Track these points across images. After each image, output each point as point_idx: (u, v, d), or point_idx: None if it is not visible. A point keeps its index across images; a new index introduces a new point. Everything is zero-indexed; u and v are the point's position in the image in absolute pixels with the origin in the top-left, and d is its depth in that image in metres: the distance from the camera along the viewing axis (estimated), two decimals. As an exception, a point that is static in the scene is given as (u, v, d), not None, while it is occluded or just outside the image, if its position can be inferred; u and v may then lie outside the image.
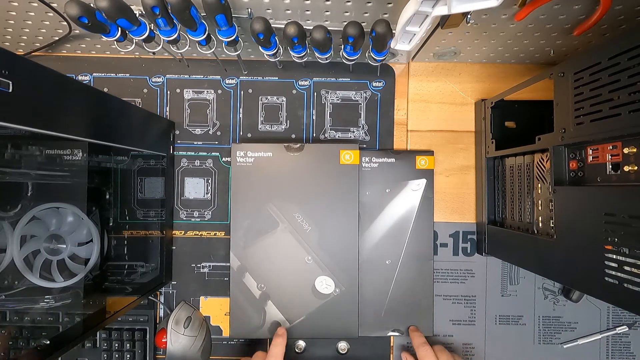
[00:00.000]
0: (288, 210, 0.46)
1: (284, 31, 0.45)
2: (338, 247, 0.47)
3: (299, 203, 0.46)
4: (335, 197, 0.47)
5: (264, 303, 0.48)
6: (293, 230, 0.45)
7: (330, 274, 0.46)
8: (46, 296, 0.50)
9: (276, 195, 0.46)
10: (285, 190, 0.46)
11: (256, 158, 0.46)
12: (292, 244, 0.45)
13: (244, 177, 0.46)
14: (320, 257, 0.46)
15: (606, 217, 0.36)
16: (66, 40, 0.58)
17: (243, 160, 0.46)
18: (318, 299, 0.47)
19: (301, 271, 0.47)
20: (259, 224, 0.46)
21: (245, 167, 0.46)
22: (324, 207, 0.47)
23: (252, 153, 0.47)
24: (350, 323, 0.50)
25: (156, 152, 0.59)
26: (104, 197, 0.58)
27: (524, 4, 0.41)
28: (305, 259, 0.46)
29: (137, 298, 0.54)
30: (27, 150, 0.47)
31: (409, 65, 0.64)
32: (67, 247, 0.53)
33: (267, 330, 0.49)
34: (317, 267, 0.46)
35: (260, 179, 0.46)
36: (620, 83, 0.35)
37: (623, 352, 0.62)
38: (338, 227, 0.47)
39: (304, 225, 0.45)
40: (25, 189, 0.52)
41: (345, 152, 0.49)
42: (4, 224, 0.50)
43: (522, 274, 0.63)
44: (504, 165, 0.57)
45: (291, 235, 0.45)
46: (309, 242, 0.46)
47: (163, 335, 0.60)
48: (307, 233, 0.45)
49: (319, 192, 0.46)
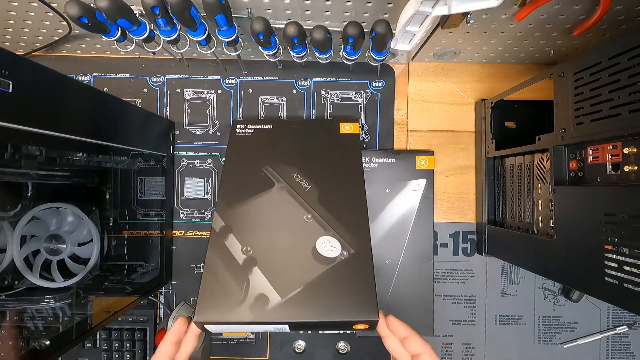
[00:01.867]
0: (286, 170, 0.42)
1: (284, 31, 0.45)
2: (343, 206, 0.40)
3: (298, 164, 0.43)
4: (337, 161, 0.45)
5: (248, 271, 0.36)
6: (290, 188, 0.40)
7: (335, 234, 0.38)
8: (46, 296, 0.50)
9: (274, 158, 0.43)
10: (284, 155, 0.44)
11: (256, 130, 0.46)
12: (288, 202, 0.40)
13: (242, 145, 0.44)
14: (322, 215, 0.39)
15: (606, 217, 0.36)
16: (66, 40, 0.58)
17: (243, 131, 0.46)
18: (321, 264, 0.36)
19: (299, 231, 0.38)
20: (252, 183, 0.42)
21: (244, 137, 0.45)
22: (326, 168, 0.43)
23: (253, 125, 0.47)
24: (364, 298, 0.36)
25: (156, 152, 0.59)
26: (104, 197, 0.58)
27: (524, 4, 0.41)
28: (304, 217, 0.39)
29: (137, 298, 0.54)
30: (27, 150, 0.47)
31: (409, 65, 0.64)
32: (67, 247, 0.53)
33: (248, 309, 0.34)
34: (319, 226, 0.39)
35: (259, 145, 0.45)
36: (620, 83, 0.35)
37: (623, 352, 0.62)
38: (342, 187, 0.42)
39: (302, 184, 0.41)
40: (25, 189, 0.52)
41: (345, 124, 0.49)
42: (4, 224, 0.50)
43: (522, 274, 0.63)
44: (504, 165, 0.57)
45: (288, 194, 0.40)
46: (308, 199, 0.40)
47: (163, 335, 0.60)
48: (306, 191, 0.41)
49: (319, 155, 0.44)
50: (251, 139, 0.46)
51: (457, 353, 0.63)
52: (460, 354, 0.63)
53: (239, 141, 0.46)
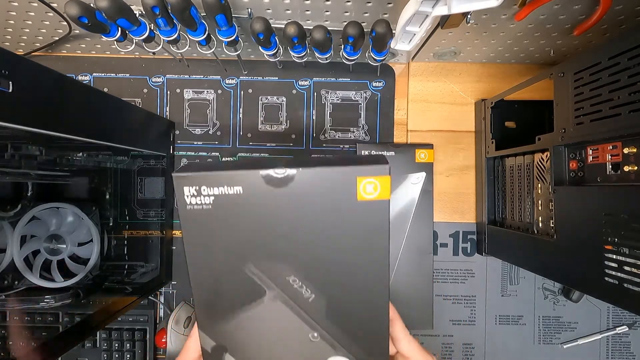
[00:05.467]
0: (277, 272, 0.30)
1: (284, 31, 0.45)
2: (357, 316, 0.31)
3: (294, 262, 0.30)
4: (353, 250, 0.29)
5: None
6: (287, 299, 0.31)
7: (346, 353, 0.32)
8: (46, 296, 0.50)
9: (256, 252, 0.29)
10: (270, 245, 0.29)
11: (218, 197, 0.27)
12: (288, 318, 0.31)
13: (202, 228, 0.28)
14: (330, 332, 0.32)
15: (606, 217, 0.36)
16: (66, 40, 0.58)
17: (196, 201, 0.27)
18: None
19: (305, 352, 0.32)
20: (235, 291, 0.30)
21: (201, 212, 0.27)
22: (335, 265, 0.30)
23: (210, 190, 0.27)
24: None
25: (156, 152, 0.59)
26: (104, 197, 0.58)
27: (524, 4, 0.41)
28: (310, 335, 0.32)
29: (137, 298, 0.54)
30: (27, 150, 0.47)
31: (409, 65, 0.64)
32: (67, 247, 0.53)
33: None
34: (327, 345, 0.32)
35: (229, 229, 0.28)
36: (620, 83, 0.35)
37: (623, 352, 0.62)
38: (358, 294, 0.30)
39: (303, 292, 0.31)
40: (25, 189, 0.52)
41: (367, 182, 0.27)
42: (4, 224, 0.49)
43: (522, 274, 0.63)
44: (504, 165, 0.57)
45: (285, 306, 0.31)
46: (313, 313, 0.31)
47: (163, 335, 0.60)
48: (309, 302, 0.31)
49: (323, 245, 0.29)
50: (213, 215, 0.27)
51: (457, 353, 0.63)
52: (460, 354, 0.63)
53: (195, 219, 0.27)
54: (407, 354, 0.32)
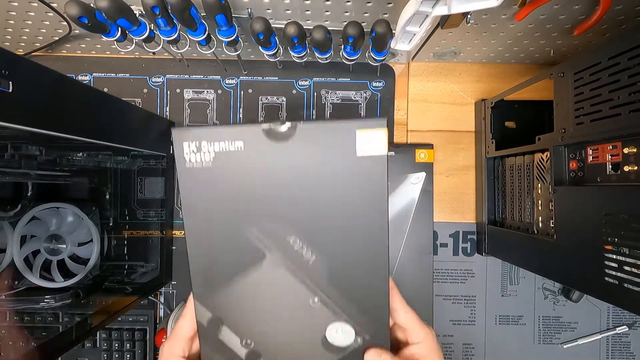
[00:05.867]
0: (278, 233, 0.29)
1: (284, 31, 0.45)
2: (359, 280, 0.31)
3: (295, 221, 0.29)
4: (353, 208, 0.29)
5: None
6: (288, 261, 0.30)
7: (347, 319, 0.31)
8: (46, 296, 0.50)
9: (256, 212, 0.28)
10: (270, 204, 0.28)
11: (219, 154, 0.26)
12: (288, 282, 0.30)
13: (201, 188, 0.27)
14: (331, 297, 0.31)
15: (606, 217, 0.36)
16: (66, 40, 0.58)
17: (196, 158, 0.26)
18: (332, 355, 0.32)
19: (304, 318, 0.31)
20: (234, 255, 0.29)
21: (200, 171, 0.26)
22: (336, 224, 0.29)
23: (210, 145, 0.26)
24: None
25: (156, 152, 0.59)
26: (104, 197, 0.58)
27: (524, 4, 0.41)
28: (310, 301, 0.31)
29: (137, 298, 0.54)
30: (27, 150, 0.47)
31: (409, 65, 0.64)
32: (67, 247, 0.53)
33: None
34: (328, 310, 0.31)
35: (228, 187, 0.27)
36: (620, 83, 0.35)
37: (623, 352, 0.62)
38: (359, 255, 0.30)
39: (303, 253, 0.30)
40: (25, 189, 0.52)
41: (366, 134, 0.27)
42: (4, 224, 0.50)
43: (522, 274, 0.63)
44: (504, 165, 0.57)
45: (285, 270, 0.30)
46: (313, 277, 0.30)
47: (163, 335, 0.60)
48: (309, 265, 0.30)
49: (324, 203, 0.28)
50: (212, 175, 0.26)
51: (457, 353, 0.63)
52: (460, 354, 0.63)
53: (194, 178, 0.26)
54: (405, 325, 0.31)
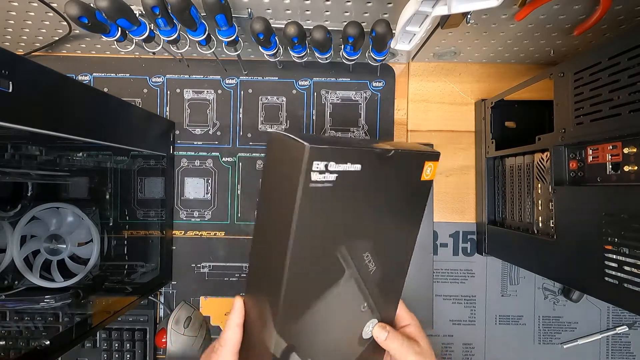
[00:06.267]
0: (359, 249, 0.29)
1: (284, 31, 0.45)
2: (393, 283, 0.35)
3: (374, 237, 0.29)
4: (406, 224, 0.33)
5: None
6: (358, 276, 0.30)
7: (378, 315, 0.34)
8: (46, 296, 0.50)
9: (352, 230, 0.28)
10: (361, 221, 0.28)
11: (341, 174, 0.25)
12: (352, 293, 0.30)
13: (319, 208, 0.25)
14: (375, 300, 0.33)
15: (606, 217, 0.36)
16: (66, 40, 0.58)
17: (322, 177, 0.24)
18: (360, 346, 0.34)
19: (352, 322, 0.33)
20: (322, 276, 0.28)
21: (323, 190, 0.24)
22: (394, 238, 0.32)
23: (337, 165, 0.24)
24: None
25: (156, 152, 0.59)
26: (104, 197, 0.58)
27: (524, 4, 0.41)
28: (361, 307, 0.32)
29: (137, 298, 0.54)
30: (27, 150, 0.47)
31: (409, 65, 0.64)
32: (67, 247, 0.53)
33: None
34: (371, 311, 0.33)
35: (339, 206, 0.26)
36: (620, 83, 0.35)
37: (623, 352, 0.62)
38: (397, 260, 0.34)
39: (370, 266, 0.30)
40: (25, 189, 0.52)
41: (428, 165, 0.32)
42: (4, 224, 0.50)
43: (522, 274, 0.63)
44: (504, 165, 0.57)
45: (355, 284, 0.30)
46: (370, 285, 0.31)
47: (163, 335, 0.60)
48: (370, 275, 0.31)
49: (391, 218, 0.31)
50: (332, 194, 0.25)
51: (457, 353, 0.63)
52: (460, 354, 0.63)
53: (314, 197, 0.24)
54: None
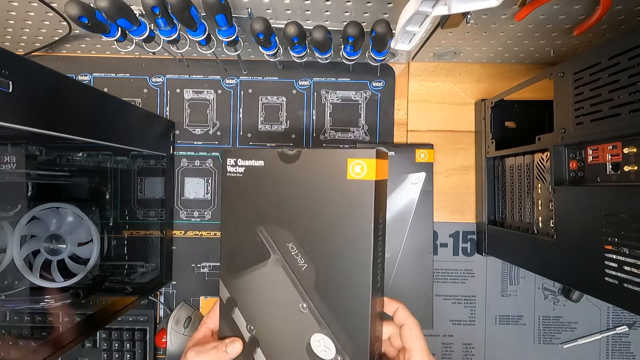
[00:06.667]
0: (281, 237, 0.34)
1: (284, 31, 0.45)
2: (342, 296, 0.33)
3: (294, 230, 0.34)
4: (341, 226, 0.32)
5: (253, 350, 0.36)
6: (286, 264, 0.35)
7: (330, 334, 0.33)
8: (46, 296, 0.50)
9: (268, 217, 0.35)
10: (278, 212, 0.34)
11: (247, 168, 0.35)
12: (284, 283, 0.35)
13: (234, 191, 0.36)
14: (317, 307, 0.34)
15: (606, 217, 0.36)
16: (66, 40, 0.58)
17: (233, 170, 0.36)
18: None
19: (295, 321, 0.35)
20: (249, 250, 0.36)
21: (236, 178, 0.36)
22: (325, 238, 0.33)
23: (243, 161, 0.35)
24: None
25: (156, 152, 0.59)
26: (104, 197, 0.58)
27: (524, 4, 0.41)
28: (300, 306, 0.34)
29: (137, 298, 0.54)
30: (27, 150, 0.47)
31: (409, 65, 0.64)
32: (67, 247, 0.53)
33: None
34: (314, 320, 0.34)
35: (251, 194, 0.35)
36: (620, 83, 0.35)
37: (623, 352, 0.62)
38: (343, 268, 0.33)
39: (298, 260, 0.34)
40: (25, 189, 0.52)
41: (355, 163, 0.31)
42: (4, 224, 0.49)
43: (522, 274, 0.63)
44: (504, 165, 0.57)
45: (283, 272, 0.35)
46: (304, 283, 0.34)
47: (163, 335, 0.60)
48: (302, 271, 0.34)
49: (318, 217, 0.33)
50: (242, 182, 0.35)
51: (457, 353, 0.63)
52: (460, 354, 0.63)
53: (231, 184, 0.36)
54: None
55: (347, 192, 0.32)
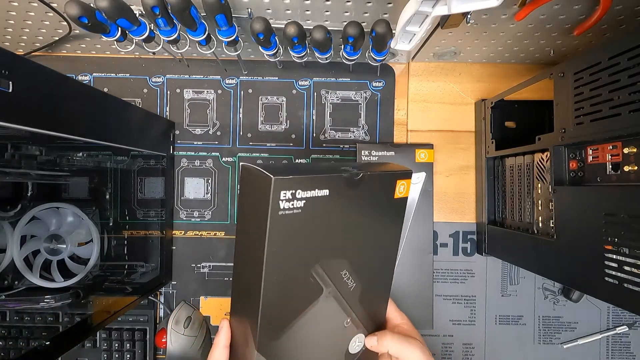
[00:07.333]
0: (335, 268, 0.31)
1: (284, 31, 0.45)
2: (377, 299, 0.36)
3: (349, 256, 0.31)
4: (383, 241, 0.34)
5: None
6: (338, 294, 0.31)
7: (364, 330, 0.35)
8: (46, 296, 0.50)
9: (325, 252, 0.29)
10: (335, 242, 0.30)
11: (308, 200, 0.27)
12: (334, 310, 0.32)
13: (289, 232, 0.27)
14: (359, 315, 0.34)
15: (606, 217, 0.36)
16: (66, 40, 0.58)
17: (289, 205, 0.26)
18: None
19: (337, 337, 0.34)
20: (299, 296, 0.29)
21: (291, 217, 0.26)
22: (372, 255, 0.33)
23: (303, 193, 0.26)
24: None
25: (156, 152, 0.59)
26: (104, 197, 0.58)
27: (524, 4, 0.41)
28: (344, 322, 0.33)
29: (137, 298, 0.54)
30: (27, 150, 0.47)
31: (409, 65, 0.64)
32: (67, 247, 0.53)
33: None
34: (354, 327, 0.35)
35: (310, 230, 0.28)
36: (620, 83, 0.35)
37: (623, 352, 0.62)
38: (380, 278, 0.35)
39: (349, 283, 0.32)
40: (25, 189, 0.52)
41: (401, 183, 0.34)
42: (4, 224, 0.49)
43: (522, 274, 0.63)
44: (504, 165, 0.57)
45: (335, 301, 0.31)
46: (351, 300, 0.33)
47: (163, 335, 0.60)
48: (350, 291, 0.32)
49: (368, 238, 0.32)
50: (301, 219, 0.27)
51: (457, 353, 0.63)
52: (460, 354, 0.63)
53: (284, 224, 0.26)
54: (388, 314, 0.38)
55: (392, 210, 0.34)
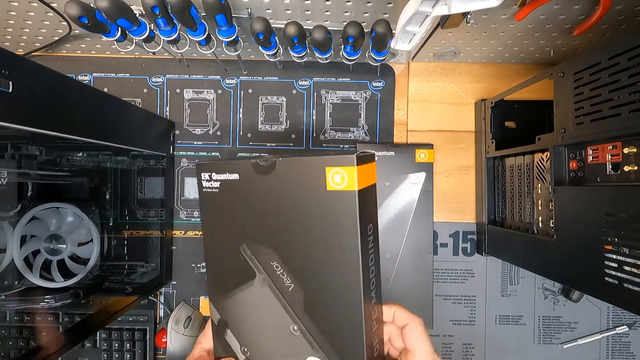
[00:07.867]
0: (265, 256, 0.32)
1: (284, 31, 0.45)
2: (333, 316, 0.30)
3: (277, 248, 0.31)
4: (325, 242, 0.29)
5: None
6: (272, 285, 0.32)
7: (324, 357, 0.31)
8: (46, 296, 0.50)
9: (249, 234, 0.32)
10: (259, 229, 0.31)
11: (222, 182, 0.32)
12: (273, 304, 0.33)
13: (212, 206, 0.33)
14: (309, 329, 0.32)
15: (606, 217, 0.36)
16: (66, 40, 0.58)
17: (209, 185, 0.33)
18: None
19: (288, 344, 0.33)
20: (234, 269, 0.33)
21: (212, 193, 0.33)
22: (309, 256, 0.30)
23: (217, 175, 0.32)
24: None
25: (156, 152, 0.59)
26: (104, 197, 0.58)
27: (524, 4, 0.41)
28: (291, 328, 0.32)
29: (137, 298, 0.54)
30: (27, 150, 0.47)
31: (409, 65, 0.64)
32: (67, 247, 0.53)
33: None
34: (306, 342, 0.32)
35: (230, 210, 0.33)
36: (620, 83, 0.35)
37: (623, 352, 0.62)
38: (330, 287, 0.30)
39: (284, 279, 0.32)
40: (25, 189, 0.52)
41: (334, 172, 0.27)
42: (4, 224, 0.49)
43: (522, 274, 0.63)
44: (504, 165, 0.57)
45: (271, 292, 0.32)
46: (292, 304, 0.32)
47: (163, 335, 0.60)
48: (289, 292, 0.32)
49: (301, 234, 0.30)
50: (219, 197, 0.32)
51: (457, 353, 0.63)
52: (460, 354, 0.63)
53: (208, 200, 0.33)
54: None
55: (329, 205, 0.28)
